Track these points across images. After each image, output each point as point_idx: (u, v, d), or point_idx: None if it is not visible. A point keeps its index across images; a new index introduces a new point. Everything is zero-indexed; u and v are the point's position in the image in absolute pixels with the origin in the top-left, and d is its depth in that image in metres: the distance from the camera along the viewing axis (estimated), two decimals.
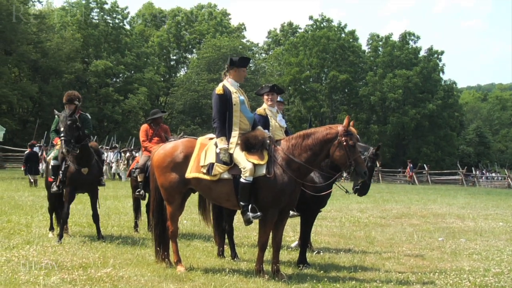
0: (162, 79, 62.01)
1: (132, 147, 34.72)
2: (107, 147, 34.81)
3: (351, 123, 7.43)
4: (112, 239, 9.82)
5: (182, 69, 70.67)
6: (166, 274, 7.09)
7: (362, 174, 7.19)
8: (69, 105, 9.97)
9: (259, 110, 8.48)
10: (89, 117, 10.39)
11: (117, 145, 36.23)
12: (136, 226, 11.18)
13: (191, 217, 13.32)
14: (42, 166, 32.13)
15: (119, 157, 32.72)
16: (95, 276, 6.80)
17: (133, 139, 39.48)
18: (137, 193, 10.96)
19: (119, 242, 9.42)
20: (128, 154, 31.27)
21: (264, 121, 8.24)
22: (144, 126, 11.53)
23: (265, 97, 8.66)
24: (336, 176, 7.89)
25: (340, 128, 7.16)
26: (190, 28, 68.39)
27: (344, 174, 7.83)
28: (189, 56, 69.45)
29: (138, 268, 7.37)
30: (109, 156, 32.26)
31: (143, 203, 11.34)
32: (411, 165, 45.98)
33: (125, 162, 30.63)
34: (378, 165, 8.51)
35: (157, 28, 69.05)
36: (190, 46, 69.64)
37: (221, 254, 8.59)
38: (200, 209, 9.25)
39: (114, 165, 32.58)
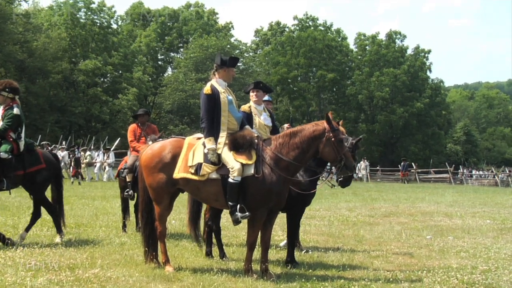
0: (150, 79, 61.84)
1: (86, 147, 33.45)
2: (63, 146, 33.47)
3: (340, 122, 7.48)
4: (100, 239, 9.77)
5: (169, 68, 70.46)
6: (155, 274, 7.06)
7: (351, 168, 7.25)
8: None
9: (244, 107, 8.43)
10: (15, 112, 9.10)
11: (76, 145, 35.17)
12: (124, 226, 11.13)
13: (179, 217, 13.28)
14: None
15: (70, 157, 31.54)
16: (83, 277, 6.75)
17: (93, 139, 38.43)
18: (126, 194, 10.92)
19: (107, 243, 9.37)
20: (69, 153, 30.22)
21: (248, 118, 8.17)
22: (132, 126, 11.50)
23: (251, 93, 8.63)
24: (321, 174, 7.92)
25: (326, 124, 7.17)
26: (176, 28, 68.18)
27: (333, 170, 7.82)
28: (177, 56, 69.23)
29: (126, 268, 7.34)
30: (65, 156, 30.67)
31: (131, 203, 11.30)
32: (403, 163, 46.10)
33: (72, 162, 29.16)
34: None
35: (145, 28, 68.80)
36: (176, 47, 69.44)
37: (209, 254, 8.57)
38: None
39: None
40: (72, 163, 28.62)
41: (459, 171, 50.32)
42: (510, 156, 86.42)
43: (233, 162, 6.97)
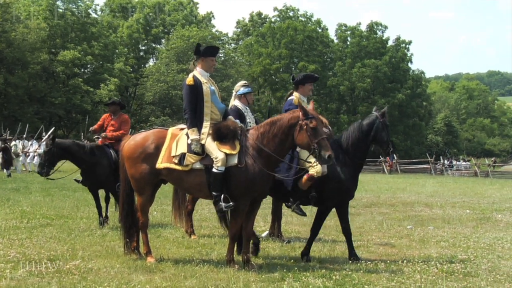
0: (131, 69, 61.29)
1: (11, 136, 30.32)
2: (10, 137, 31.48)
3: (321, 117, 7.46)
4: (81, 231, 9.72)
5: (151, 59, 69.95)
6: (136, 265, 7.04)
7: (325, 159, 6.89)
8: None
9: (295, 100, 8.24)
10: None
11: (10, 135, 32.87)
12: (106, 217, 11.07)
13: (161, 208, 13.25)
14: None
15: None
16: (64, 268, 6.71)
17: (26, 126, 35.89)
18: None
19: (88, 234, 9.33)
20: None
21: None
22: (104, 115, 11.49)
23: (309, 86, 8.56)
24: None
25: (300, 111, 7.13)
26: (158, 19, 67.57)
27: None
28: (158, 47, 68.70)
29: (107, 260, 7.31)
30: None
31: None
32: (392, 154, 46.39)
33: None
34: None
35: (125, 19, 68.04)
36: (158, 38, 68.87)
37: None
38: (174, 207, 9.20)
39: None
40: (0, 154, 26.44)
41: (439, 161, 50.71)
42: (489, 147, 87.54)
43: (217, 152, 6.96)
